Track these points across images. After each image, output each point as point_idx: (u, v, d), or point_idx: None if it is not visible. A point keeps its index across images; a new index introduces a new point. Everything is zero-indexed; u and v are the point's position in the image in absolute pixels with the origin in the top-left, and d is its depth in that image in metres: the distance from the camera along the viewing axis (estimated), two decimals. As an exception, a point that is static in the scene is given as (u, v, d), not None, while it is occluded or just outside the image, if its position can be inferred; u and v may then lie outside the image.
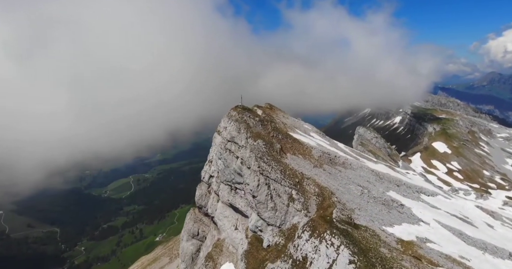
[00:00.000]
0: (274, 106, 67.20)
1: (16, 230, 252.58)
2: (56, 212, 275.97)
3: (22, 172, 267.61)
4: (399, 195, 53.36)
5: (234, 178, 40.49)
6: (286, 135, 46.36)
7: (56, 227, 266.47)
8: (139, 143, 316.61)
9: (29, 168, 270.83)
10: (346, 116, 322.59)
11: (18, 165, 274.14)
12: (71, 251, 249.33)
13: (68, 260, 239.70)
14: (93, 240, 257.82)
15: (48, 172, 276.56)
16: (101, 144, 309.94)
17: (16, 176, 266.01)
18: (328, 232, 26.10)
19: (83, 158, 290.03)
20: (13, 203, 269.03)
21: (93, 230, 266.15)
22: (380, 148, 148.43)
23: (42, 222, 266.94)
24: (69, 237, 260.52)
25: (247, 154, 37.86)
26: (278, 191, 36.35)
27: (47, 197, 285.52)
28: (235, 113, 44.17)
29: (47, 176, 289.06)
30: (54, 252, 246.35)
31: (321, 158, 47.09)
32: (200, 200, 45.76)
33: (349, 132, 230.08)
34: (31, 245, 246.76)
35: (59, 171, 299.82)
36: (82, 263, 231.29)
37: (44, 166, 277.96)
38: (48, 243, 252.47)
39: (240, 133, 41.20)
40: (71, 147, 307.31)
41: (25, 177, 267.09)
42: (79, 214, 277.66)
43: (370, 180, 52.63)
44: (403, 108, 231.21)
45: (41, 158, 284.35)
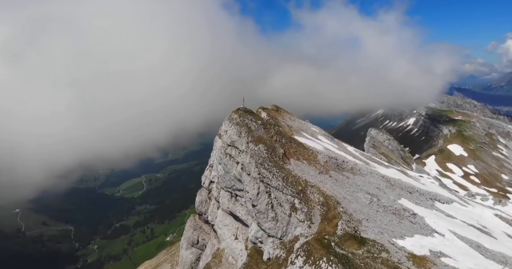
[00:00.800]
0: (280, 108, 64.65)
1: (31, 228, 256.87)
2: (70, 210, 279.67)
3: (36, 171, 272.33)
4: (411, 203, 50.01)
5: (235, 184, 38.18)
6: (290, 138, 43.75)
7: (70, 225, 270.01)
8: (151, 143, 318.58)
9: (41, 168, 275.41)
10: (358, 118, 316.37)
11: (33, 164, 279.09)
12: (84, 250, 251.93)
13: (81, 259, 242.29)
14: (105, 238, 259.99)
15: (62, 172, 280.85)
16: (111, 144, 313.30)
17: (30, 175, 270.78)
18: (325, 259, 23.39)
19: (94, 158, 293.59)
20: (29, 202, 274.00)
21: (106, 229, 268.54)
22: (392, 151, 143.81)
23: (57, 220, 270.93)
24: (82, 235, 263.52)
25: (247, 160, 35.50)
26: (279, 199, 33.84)
27: (62, 195, 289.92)
28: (236, 116, 41.86)
29: (60, 175, 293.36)
30: (68, 250, 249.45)
31: (327, 164, 44.28)
32: (200, 207, 43.65)
33: (361, 133, 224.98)
34: (46, 243, 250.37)
35: (73, 171, 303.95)
36: (95, 262, 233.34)
37: (56, 166, 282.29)
38: (62, 241, 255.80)
39: (240, 138, 38.87)
40: (84, 147, 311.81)
41: (39, 176, 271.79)
42: (93, 212, 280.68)
43: (380, 186, 49.48)
44: (417, 110, 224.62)
45: (52, 159, 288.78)
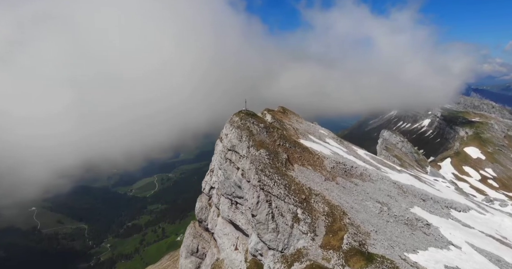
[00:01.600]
0: (287, 110, 62.07)
1: (47, 225, 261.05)
2: (85, 209, 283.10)
3: (50, 171, 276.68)
4: (425, 212, 46.66)
5: (235, 191, 35.88)
6: (295, 143, 41.14)
7: (84, 223, 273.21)
8: (162, 144, 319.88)
9: (56, 168, 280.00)
10: (370, 119, 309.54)
11: (48, 164, 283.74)
12: (97, 248, 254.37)
13: (94, 257, 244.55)
14: (118, 237, 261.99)
15: (75, 172, 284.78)
16: (124, 144, 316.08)
17: (44, 175, 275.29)
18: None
19: (105, 158, 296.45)
20: (45, 200, 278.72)
21: (119, 227, 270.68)
22: (406, 153, 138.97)
23: (72, 218, 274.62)
24: (96, 233, 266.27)
25: (247, 166, 33.13)
26: (281, 209, 31.34)
27: (76, 194, 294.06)
28: (237, 119, 39.56)
29: (75, 175, 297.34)
30: (82, 248, 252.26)
31: (334, 169, 41.48)
32: (200, 213, 41.55)
33: (373, 135, 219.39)
34: (61, 241, 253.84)
35: (88, 170, 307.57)
36: (107, 260, 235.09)
37: (69, 166, 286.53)
38: (76, 239, 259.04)
39: (241, 142, 36.53)
40: (97, 147, 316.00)
41: (52, 176, 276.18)
42: (106, 211, 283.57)
43: (392, 194, 46.33)
44: (432, 111, 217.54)
45: (66, 159, 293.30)
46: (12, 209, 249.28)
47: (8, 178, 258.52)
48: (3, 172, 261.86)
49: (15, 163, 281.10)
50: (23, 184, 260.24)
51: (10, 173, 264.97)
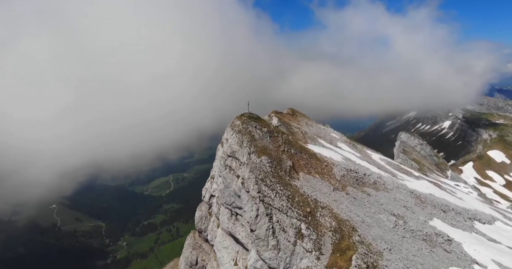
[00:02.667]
0: (297, 112, 58.57)
1: (66, 223, 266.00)
2: (102, 207, 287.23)
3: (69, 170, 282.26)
4: (445, 225, 42.22)
5: (235, 201, 32.84)
6: (301, 148, 37.69)
7: (102, 221, 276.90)
8: (177, 144, 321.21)
9: (75, 167, 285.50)
10: (387, 120, 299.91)
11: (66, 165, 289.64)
12: (114, 246, 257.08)
13: (111, 254, 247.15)
14: (134, 236, 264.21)
15: (93, 171, 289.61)
16: (138, 144, 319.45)
17: (64, 173, 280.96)
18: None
19: (118, 158, 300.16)
20: (65, 198, 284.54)
21: (135, 226, 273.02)
22: (425, 156, 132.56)
23: (90, 216, 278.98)
24: (113, 232, 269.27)
25: (246, 174, 30.02)
26: (282, 224, 28.05)
27: (95, 193, 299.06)
28: (238, 123, 36.51)
29: (94, 173, 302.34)
30: (99, 246, 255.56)
31: (344, 178, 37.78)
32: (199, 223, 38.77)
33: (391, 137, 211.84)
34: (79, 238, 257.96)
35: (106, 170, 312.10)
36: (123, 258, 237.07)
37: (87, 165, 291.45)
38: (94, 237, 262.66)
39: (242, 148, 33.45)
40: (111, 146, 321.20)
41: (72, 174, 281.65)
42: (123, 210, 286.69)
43: (409, 204, 42.15)
44: (453, 112, 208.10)
45: (84, 158, 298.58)
46: (33, 206, 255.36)
47: (27, 176, 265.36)
48: (24, 170, 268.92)
49: (37, 161, 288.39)
50: (44, 182, 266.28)
51: (30, 171, 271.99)
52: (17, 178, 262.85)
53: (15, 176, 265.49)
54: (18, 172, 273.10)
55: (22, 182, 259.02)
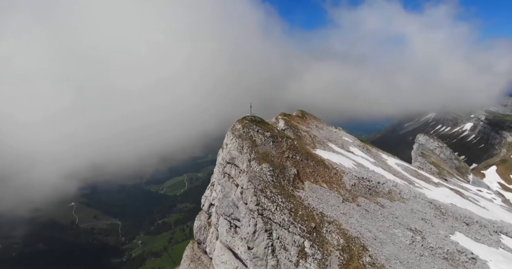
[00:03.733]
0: (307, 114, 55.11)
1: (84, 220, 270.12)
2: (119, 206, 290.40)
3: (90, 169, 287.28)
4: (469, 240, 37.91)
5: (234, 212, 29.89)
6: (308, 154, 34.34)
7: (118, 220, 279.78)
8: (191, 143, 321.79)
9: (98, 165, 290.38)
10: (405, 122, 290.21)
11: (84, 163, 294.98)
12: (129, 244, 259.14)
13: (126, 252, 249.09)
14: (148, 234, 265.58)
15: (111, 170, 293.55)
16: (152, 143, 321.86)
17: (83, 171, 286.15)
18: None
19: (141, 156, 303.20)
20: (83, 196, 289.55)
21: (150, 225, 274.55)
22: (445, 160, 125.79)
23: (106, 214, 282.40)
24: (128, 230, 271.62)
25: (244, 184, 27.03)
26: (283, 241, 24.89)
27: (112, 191, 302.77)
28: (239, 127, 33.55)
29: (110, 172, 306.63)
30: (115, 243, 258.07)
31: (355, 187, 34.20)
32: (198, 234, 36.06)
33: (408, 139, 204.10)
34: (96, 236, 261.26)
35: (124, 169, 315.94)
36: (138, 257, 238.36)
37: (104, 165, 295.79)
38: (110, 235, 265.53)
39: (242, 154, 30.49)
40: (125, 146, 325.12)
41: (93, 173, 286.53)
42: (138, 208, 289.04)
43: (427, 216, 38.10)
44: (475, 114, 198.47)
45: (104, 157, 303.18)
46: (53, 203, 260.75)
47: (44, 174, 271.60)
48: (41, 168, 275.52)
49: (56, 160, 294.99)
50: (63, 179, 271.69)
51: (47, 169, 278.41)
52: (35, 176, 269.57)
53: (33, 173, 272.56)
54: (36, 170, 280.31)
55: (40, 179, 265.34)
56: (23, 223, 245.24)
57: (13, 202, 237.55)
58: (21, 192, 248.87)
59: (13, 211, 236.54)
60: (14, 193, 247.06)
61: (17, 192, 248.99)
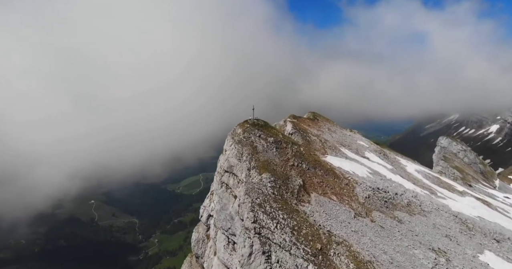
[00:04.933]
0: (319, 116, 51.27)
1: (103, 218, 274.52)
2: (136, 204, 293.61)
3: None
4: (500, 260, 33.19)
5: (231, 227, 26.69)
6: (316, 162, 30.69)
7: (136, 218, 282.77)
8: (207, 143, 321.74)
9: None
10: (426, 123, 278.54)
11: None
12: (146, 242, 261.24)
13: (143, 250, 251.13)
14: (165, 233, 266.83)
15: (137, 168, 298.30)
16: (168, 143, 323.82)
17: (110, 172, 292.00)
18: None
19: (158, 155, 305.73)
20: (103, 194, 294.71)
21: (166, 223, 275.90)
22: (469, 164, 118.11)
23: (125, 212, 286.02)
24: (145, 228, 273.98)
25: (241, 197, 23.78)
26: (284, 265, 21.47)
27: (130, 190, 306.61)
28: (239, 132, 30.33)
29: (133, 171, 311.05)
30: (132, 241, 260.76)
31: (370, 200, 30.28)
32: (196, 247, 33.12)
33: (430, 141, 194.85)
34: (114, 233, 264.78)
35: (143, 168, 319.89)
36: (154, 255, 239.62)
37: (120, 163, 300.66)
38: (128, 233, 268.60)
39: (241, 162, 27.26)
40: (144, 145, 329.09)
41: (116, 171, 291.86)
42: (155, 207, 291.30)
43: (452, 232, 33.66)
44: (502, 115, 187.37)
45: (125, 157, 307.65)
46: (74, 201, 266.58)
47: (66, 171, 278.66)
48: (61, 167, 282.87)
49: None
50: (82, 177, 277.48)
51: (68, 167, 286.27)
52: (56, 173, 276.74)
53: (55, 170, 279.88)
54: (57, 167, 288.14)
55: (62, 177, 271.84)
56: (45, 220, 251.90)
57: (34, 198, 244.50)
58: (40, 189, 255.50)
59: (35, 207, 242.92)
60: (34, 189, 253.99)
61: (38, 189, 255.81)
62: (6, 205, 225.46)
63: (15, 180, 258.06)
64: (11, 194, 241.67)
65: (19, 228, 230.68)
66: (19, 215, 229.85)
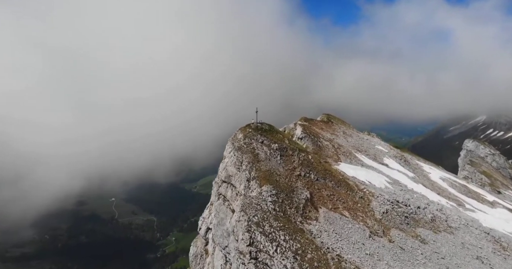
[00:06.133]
0: (334, 118, 47.37)
1: (123, 216, 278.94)
2: (155, 202, 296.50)
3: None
4: (543, 287, 28.54)
5: (228, 245, 23.62)
6: (326, 172, 27.10)
7: (154, 216, 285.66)
8: (223, 142, 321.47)
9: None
10: (451, 125, 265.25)
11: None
12: (163, 240, 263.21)
13: (160, 248, 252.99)
14: (182, 232, 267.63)
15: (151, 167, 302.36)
16: (185, 143, 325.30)
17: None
18: None
19: (177, 154, 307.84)
20: (123, 192, 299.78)
21: (183, 222, 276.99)
22: (498, 169, 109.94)
23: (143, 210, 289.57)
24: (163, 226, 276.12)
25: (236, 214, 20.63)
26: (283, 294, 18.18)
27: (149, 188, 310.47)
28: (240, 137, 27.19)
29: (151, 169, 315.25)
30: (150, 239, 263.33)
31: (388, 216, 26.40)
32: (194, 263, 30.12)
33: (454, 143, 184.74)
34: (134, 231, 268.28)
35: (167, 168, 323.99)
36: (171, 253, 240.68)
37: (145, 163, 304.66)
38: (146, 230, 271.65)
39: (240, 171, 24.14)
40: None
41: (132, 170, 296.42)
42: (173, 205, 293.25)
43: (483, 253, 29.21)
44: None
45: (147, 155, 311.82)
46: (96, 198, 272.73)
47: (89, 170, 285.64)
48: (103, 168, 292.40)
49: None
50: (107, 176, 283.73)
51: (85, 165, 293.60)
52: (78, 170, 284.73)
53: (77, 166, 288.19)
54: (80, 164, 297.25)
55: (83, 175, 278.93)
56: (68, 216, 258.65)
57: (56, 195, 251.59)
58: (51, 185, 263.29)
59: (59, 204, 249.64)
60: (56, 186, 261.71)
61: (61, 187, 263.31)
62: (29, 200, 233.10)
63: (33, 176, 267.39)
64: (37, 190, 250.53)
65: (42, 224, 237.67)
66: (42, 210, 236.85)
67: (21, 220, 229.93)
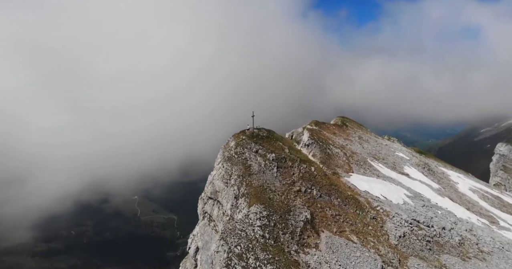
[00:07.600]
0: (349, 122, 42.78)
1: (145, 214, 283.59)
2: (175, 201, 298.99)
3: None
4: None
5: (214, 269, 20.21)
6: (331, 187, 22.99)
7: (174, 214, 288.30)
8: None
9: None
10: (482, 127, 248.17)
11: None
12: (184, 239, 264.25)
13: (180, 247, 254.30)
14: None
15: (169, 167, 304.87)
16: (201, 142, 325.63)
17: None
18: None
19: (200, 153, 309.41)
20: (145, 190, 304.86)
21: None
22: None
23: (164, 208, 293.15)
24: (183, 225, 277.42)
25: (215, 243, 17.12)
26: None
27: (170, 187, 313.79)
28: (232, 145, 23.63)
29: (172, 168, 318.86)
30: (171, 237, 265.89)
31: (405, 241, 21.98)
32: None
33: (486, 147, 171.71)
34: (155, 229, 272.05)
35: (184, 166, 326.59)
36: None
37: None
38: (167, 228, 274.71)
39: (228, 186, 20.61)
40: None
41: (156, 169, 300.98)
42: (192, 204, 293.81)
43: (525, 286, 24.13)
44: None
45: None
46: (119, 196, 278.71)
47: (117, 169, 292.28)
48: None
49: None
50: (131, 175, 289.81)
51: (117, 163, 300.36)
52: (101, 167, 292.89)
53: (101, 164, 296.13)
54: (104, 161, 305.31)
55: (106, 172, 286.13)
56: (93, 213, 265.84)
57: (89, 192, 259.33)
58: None
59: (86, 200, 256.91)
60: (78, 182, 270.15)
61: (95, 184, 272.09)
62: (56, 196, 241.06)
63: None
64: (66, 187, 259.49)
65: (69, 219, 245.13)
66: (68, 206, 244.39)
67: (52, 214, 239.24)
